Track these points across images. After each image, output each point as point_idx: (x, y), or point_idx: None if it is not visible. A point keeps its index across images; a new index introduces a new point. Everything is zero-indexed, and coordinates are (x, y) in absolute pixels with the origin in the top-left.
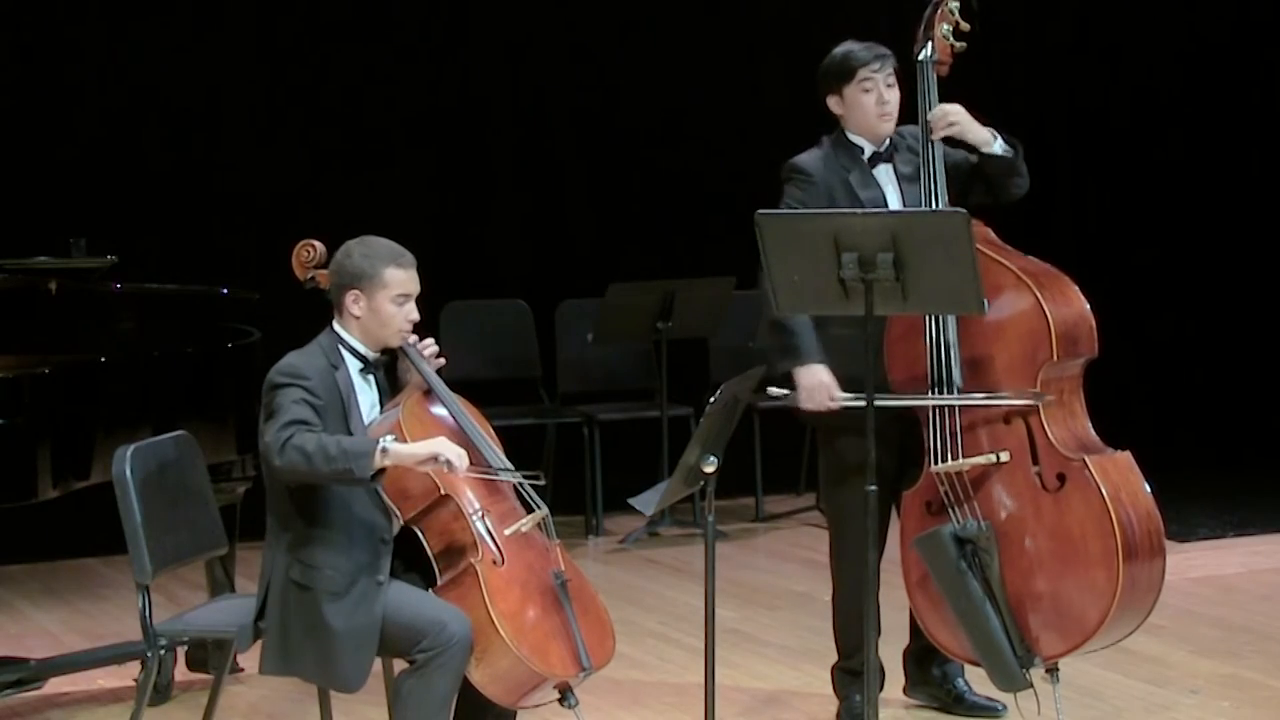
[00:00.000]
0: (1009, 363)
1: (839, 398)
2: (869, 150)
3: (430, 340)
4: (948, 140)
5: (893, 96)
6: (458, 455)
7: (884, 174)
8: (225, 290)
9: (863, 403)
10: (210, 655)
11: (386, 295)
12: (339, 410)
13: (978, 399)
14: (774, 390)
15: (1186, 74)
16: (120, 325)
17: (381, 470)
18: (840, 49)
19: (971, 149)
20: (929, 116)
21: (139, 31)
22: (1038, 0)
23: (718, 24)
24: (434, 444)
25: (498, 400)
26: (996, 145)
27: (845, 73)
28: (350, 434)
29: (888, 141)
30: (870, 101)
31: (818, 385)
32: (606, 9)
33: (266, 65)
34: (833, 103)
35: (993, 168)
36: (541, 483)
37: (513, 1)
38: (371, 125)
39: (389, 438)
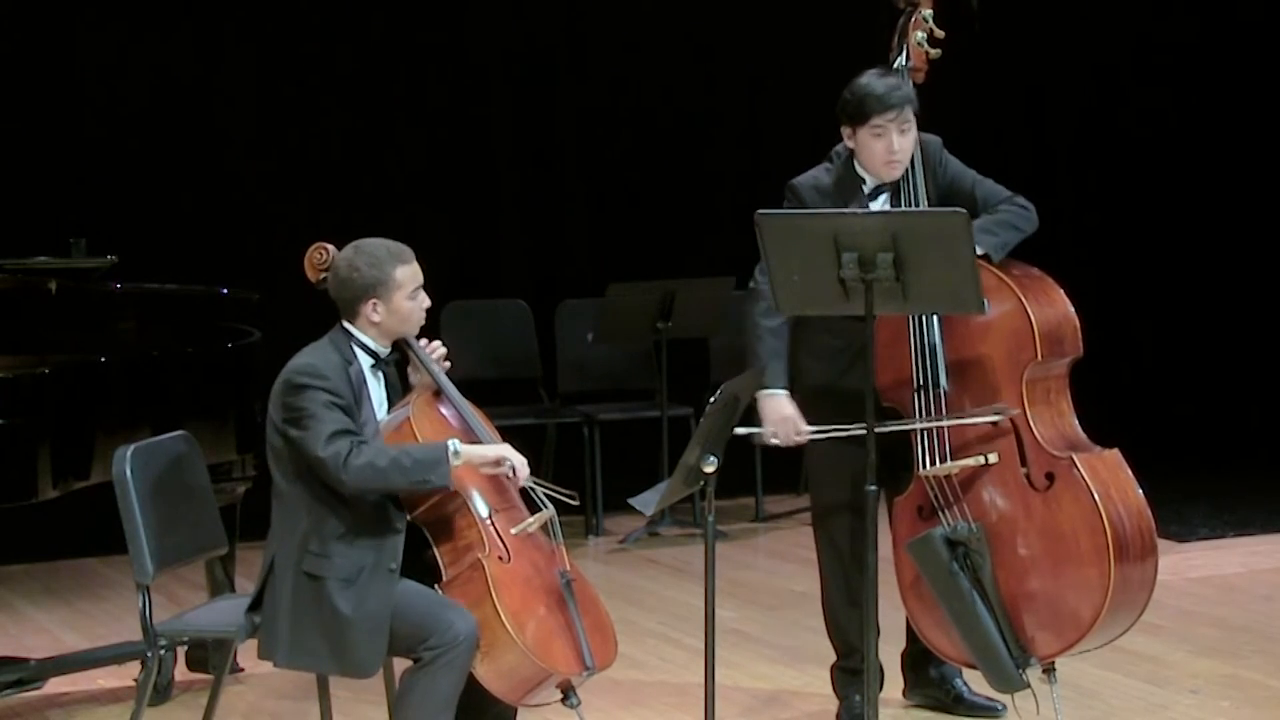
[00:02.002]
0: (994, 364)
1: (805, 431)
2: (871, 184)
3: (438, 343)
4: (950, 148)
5: (904, 143)
6: (521, 462)
7: (884, 205)
8: (225, 290)
9: (826, 434)
10: (210, 655)
11: (402, 294)
12: (353, 405)
13: (961, 419)
14: (740, 430)
15: (1188, 73)
16: (120, 325)
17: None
18: (861, 82)
19: (973, 164)
20: None
21: (139, 32)
22: (1038, 1)
23: (718, 24)
24: (500, 448)
25: (498, 400)
26: (977, 250)
27: (859, 115)
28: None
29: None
30: (880, 148)
31: (783, 419)
32: (607, 9)
33: (267, 65)
34: (845, 134)
35: None
36: (575, 502)
37: (514, 2)
38: (372, 125)
39: (455, 441)
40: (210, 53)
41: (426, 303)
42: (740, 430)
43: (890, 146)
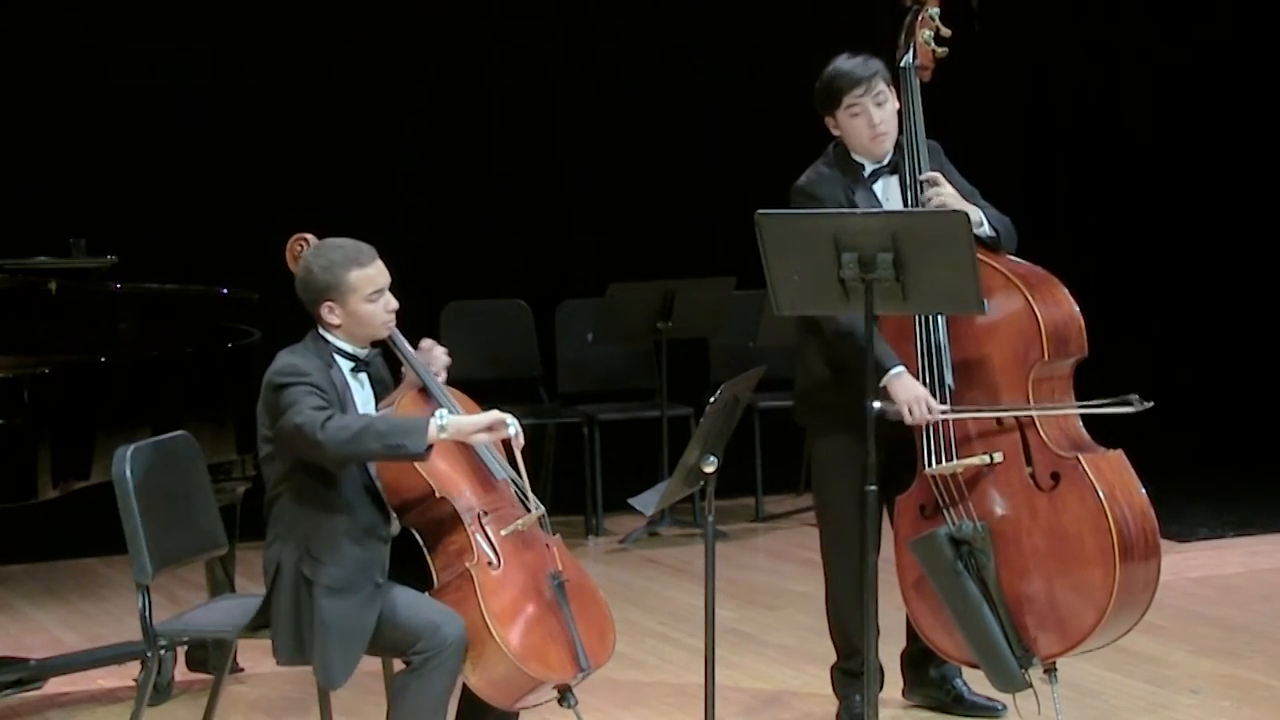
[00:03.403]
0: (1000, 364)
1: (937, 410)
2: (870, 167)
3: (441, 352)
4: (951, 157)
5: (884, 114)
6: (515, 422)
7: (887, 188)
8: (225, 290)
9: (961, 414)
10: (210, 655)
11: (359, 297)
12: (338, 406)
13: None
14: (877, 405)
15: (1191, 72)
16: (120, 325)
17: (430, 446)
18: (828, 70)
19: (972, 165)
20: (922, 177)
21: (139, 32)
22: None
23: (719, 24)
24: (491, 413)
25: (498, 400)
26: (984, 230)
27: (833, 99)
28: None
29: (890, 154)
30: (861, 125)
31: (917, 398)
32: (608, 8)
33: (267, 65)
34: (829, 124)
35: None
36: (540, 510)
37: (514, 1)
38: (371, 125)
39: (444, 411)
40: (210, 53)
41: (392, 304)
42: (877, 405)
43: (870, 120)
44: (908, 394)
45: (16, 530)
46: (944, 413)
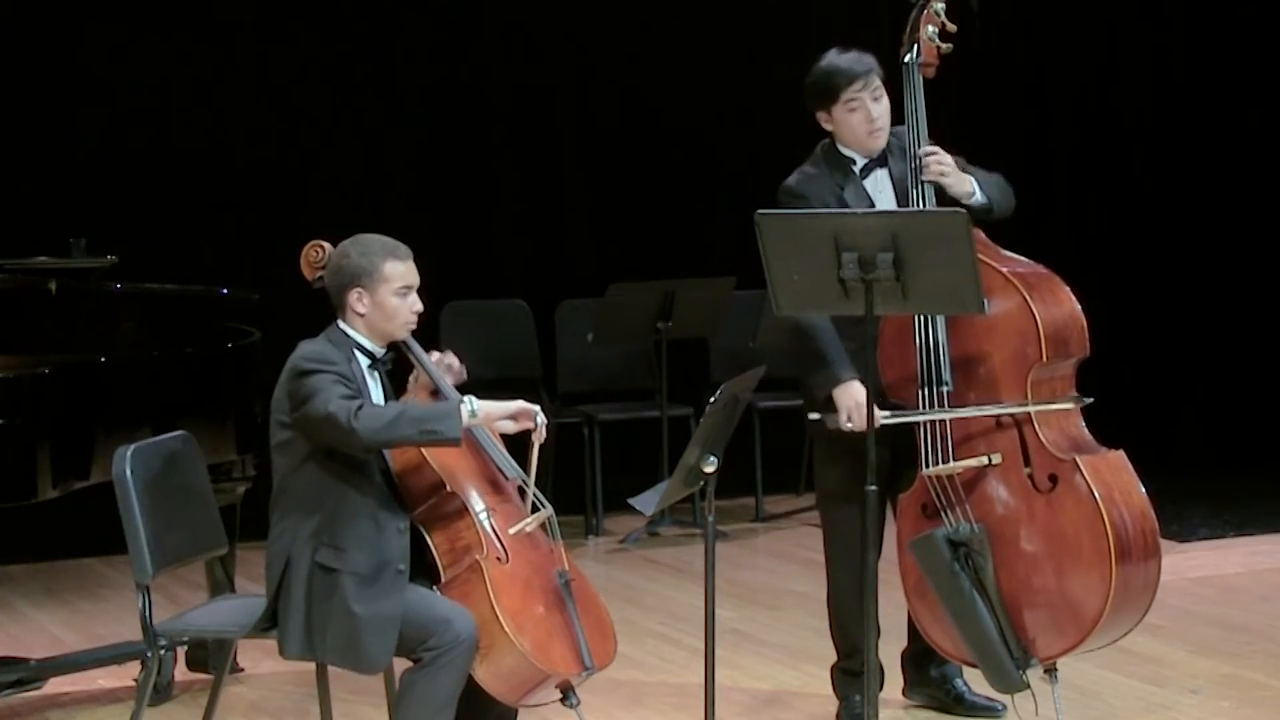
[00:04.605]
0: (999, 364)
1: (880, 416)
2: (861, 161)
3: (453, 357)
4: (945, 145)
5: (880, 109)
6: (541, 413)
7: (877, 182)
8: (225, 290)
9: (903, 419)
10: (210, 655)
11: (389, 289)
12: (359, 394)
13: (982, 410)
14: (813, 415)
15: (1187, 72)
16: (120, 325)
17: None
18: (823, 64)
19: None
20: (920, 151)
21: (139, 31)
22: (1038, 1)
23: (719, 23)
24: (516, 401)
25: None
26: (976, 198)
27: (829, 94)
28: None
29: (881, 148)
30: (858, 120)
31: (857, 404)
32: (608, 8)
33: (267, 65)
34: (822, 119)
35: (971, 213)
36: (548, 510)
37: (515, 1)
38: (371, 125)
39: (472, 398)
40: (210, 53)
41: (418, 305)
42: (813, 416)
43: (869, 115)
44: (848, 400)
45: (16, 530)
46: (887, 417)
